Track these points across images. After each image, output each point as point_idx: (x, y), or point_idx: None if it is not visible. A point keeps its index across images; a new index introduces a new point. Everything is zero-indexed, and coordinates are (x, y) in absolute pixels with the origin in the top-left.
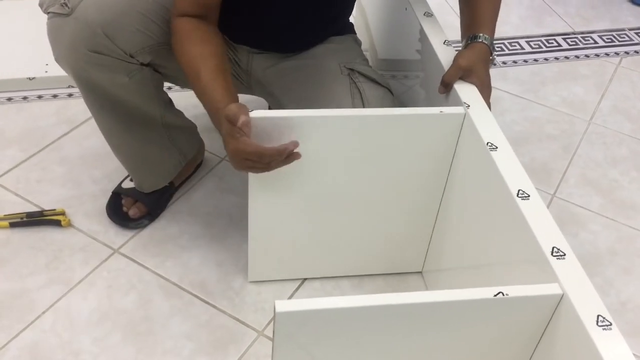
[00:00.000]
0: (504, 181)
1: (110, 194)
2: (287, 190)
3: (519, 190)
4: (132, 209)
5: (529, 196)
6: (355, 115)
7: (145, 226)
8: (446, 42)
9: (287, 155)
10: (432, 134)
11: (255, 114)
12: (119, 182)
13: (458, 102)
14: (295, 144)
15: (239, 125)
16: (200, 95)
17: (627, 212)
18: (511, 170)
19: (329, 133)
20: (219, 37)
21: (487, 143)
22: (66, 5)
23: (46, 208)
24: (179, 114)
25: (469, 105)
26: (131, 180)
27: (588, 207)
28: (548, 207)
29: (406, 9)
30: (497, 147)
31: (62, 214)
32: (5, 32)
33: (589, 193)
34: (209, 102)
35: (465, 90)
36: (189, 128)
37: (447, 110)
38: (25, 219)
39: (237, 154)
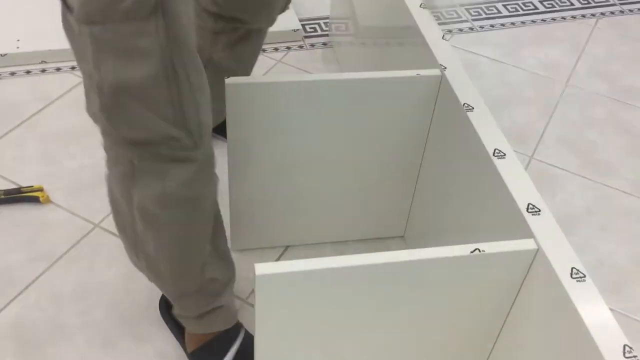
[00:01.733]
0: (480, 141)
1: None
2: (266, 157)
3: (495, 150)
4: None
5: (504, 155)
6: (333, 79)
7: None
8: (422, 5)
9: None
10: (410, 96)
11: (230, 80)
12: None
13: (435, 64)
14: None
15: None
16: None
17: (604, 172)
18: (487, 130)
19: (306, 97)
20: None
21: (464, 104)
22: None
23: (24, 185)
24: None
25: (445, 67)
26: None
27: (565, 167)
28: (526, 168)
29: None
30: (473, 108)
31: (41, 190)
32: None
33: (566, 154)
34: None
35: (442, 52)
36: None
37: (423, 72)
38: (2, 197)
39: None
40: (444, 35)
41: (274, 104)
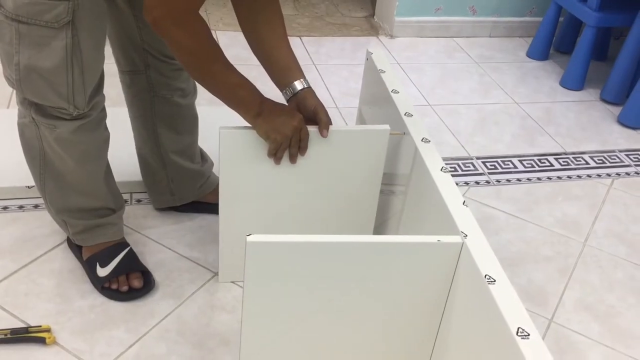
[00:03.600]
0: (502, 318)
1: (103, 291)
2: (284, 314)
3: (518, 329)
4: (132, 282)
5: (528, 335)
6: (352, 241)
7: (155, 282)
8: (443, 169)
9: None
10: (429, 262)
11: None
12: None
13: (455, 231)
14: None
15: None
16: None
17: (626, 341)
18: (510, 306)
19: (325, 259)
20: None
21: (485, 276)
22: None
23: (32, 323)
24: None
25: (466, 235)
26: (102, 267)
27: (587, 334)
28: (546, 333)
29: (404, 133)
30: (495, 281)
31: (48, 330)
32: (6, 140)
33: (586, 319)
34: (233, 98)
35: (462, 218)
36: None
37: (444, 239)
38: (9, 336)
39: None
40: (464, 201)
41: (296, 264)
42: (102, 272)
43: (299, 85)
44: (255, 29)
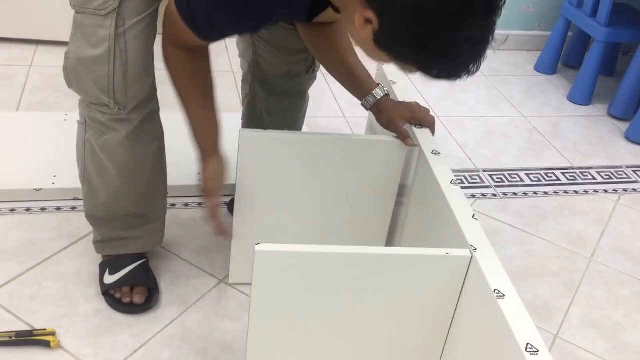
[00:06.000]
0: (512, 334)
1: (105, 297)
2: (290, 323)
3: (527, 345)
4: (134, 296)
5: (537, 351)
6: (360, 253)
7: (157, 300)
8: (453, 182)
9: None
10: (437, 275)
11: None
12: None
13: (464, 244)
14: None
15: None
16: (188, 123)
17: (631, 357)
18: (519, 322)
19: (332, 269)
20: (206, 67)
21: (495, 290)
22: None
23: (37, 326)
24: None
25: (475, 249)
26: (110, 274)
27: (592, 350)
28: (551, 348)
29: (415, 145)
30: (504, 296)
31: (53, 334)
32: (15, 142)
33: (592, 335)
34: (194, 133)
35: (472, 231)
36: None
37: (453, 252)
38: (13, 339)
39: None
40: (474, 215)
41: (306, 276)
42: (109, 279)
43: (380, 91)
44: (330, 52)
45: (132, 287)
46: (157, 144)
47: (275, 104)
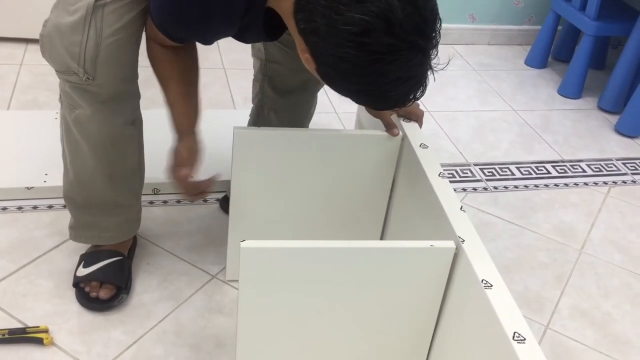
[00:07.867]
0: (499, 323)
1: (75, 288)
2: (278, 318)
3: (514, 333)
4: (101, 291)
5: (524, 339)
6: (345, 247)
7: (124, 300)
8: (441, 174)
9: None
10: (423, 268)
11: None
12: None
13: (452, 236)
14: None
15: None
16: (167, 105)
17: (621, 348)
18: (507, 311)
19: (319, 264)
20: (188, 55)
21: (482, 280)
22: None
23: (30, 324)
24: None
25: (463, 240)
26: (84, 267)
27: (582, 341)
28: (542, 339)
29: (403, 139)
30: (492, 286)
31: (46, 331)
32: (6, 141)
33: (582, 326)
34: (172, 116)
35: (460, 223)
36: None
37: (437, 244)
38: (6, 336)
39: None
40: (462, 207)
41: (297, 271)
42: (81, 272)
43: None
44: None
45: (102, 283)
46: (134, 130)
47: (284, 104)
